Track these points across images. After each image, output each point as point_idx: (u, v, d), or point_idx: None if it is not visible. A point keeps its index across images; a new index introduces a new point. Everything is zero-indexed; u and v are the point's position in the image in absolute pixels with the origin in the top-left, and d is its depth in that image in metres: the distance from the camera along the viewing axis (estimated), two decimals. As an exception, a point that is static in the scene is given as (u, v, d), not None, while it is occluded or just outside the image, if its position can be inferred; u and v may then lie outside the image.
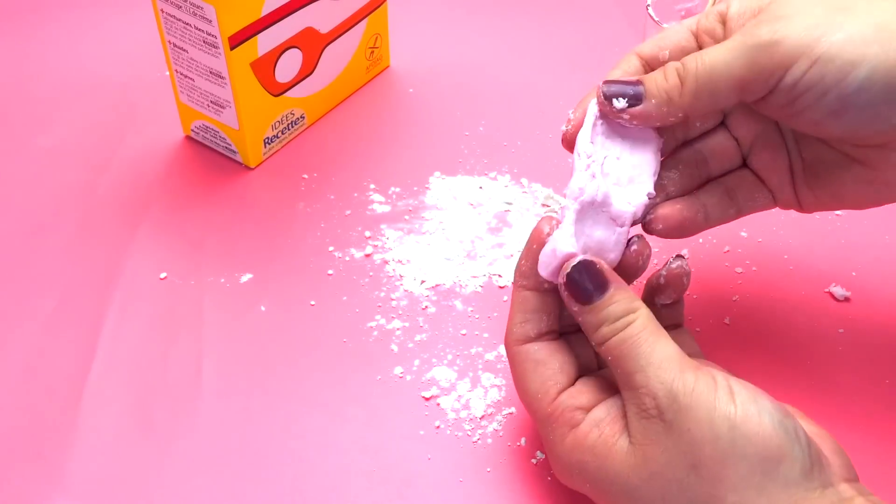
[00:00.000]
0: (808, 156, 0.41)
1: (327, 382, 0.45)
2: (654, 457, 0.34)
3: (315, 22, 0.56)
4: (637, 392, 0.35)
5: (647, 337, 0.36)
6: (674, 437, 0.34)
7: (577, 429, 0.36)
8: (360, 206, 0.54)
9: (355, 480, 0.41)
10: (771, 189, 0.42)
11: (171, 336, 0.47)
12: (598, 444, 0.36)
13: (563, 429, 0.37)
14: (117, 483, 0.41)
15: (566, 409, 0.37)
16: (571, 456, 0.36)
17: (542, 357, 0.38)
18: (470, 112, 0.61)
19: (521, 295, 0.39)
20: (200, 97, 0.55)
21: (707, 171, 0.42)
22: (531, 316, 0.39)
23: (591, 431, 0.36)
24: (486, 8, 0.70)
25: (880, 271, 0.50)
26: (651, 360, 0.35)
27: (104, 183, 0.56)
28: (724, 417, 0.33)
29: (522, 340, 0.39)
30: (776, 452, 0.33)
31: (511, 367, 0.39)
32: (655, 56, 0.40)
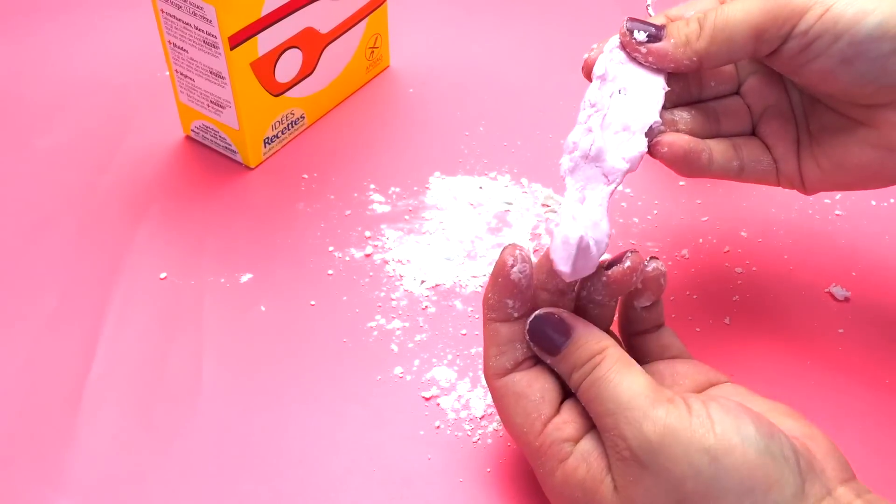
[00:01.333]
0: (816, 127, 0.42)
1: (327, 382, 0.45)
2: (637, 496, 0.34)
3: (315, 22, 0.56)
4: (609, 434, 0.34)
5: (613, 376, 0.35)
6: (652, 477, 0.33)
7: (566, 463, 0.36)
8: (360, 206, 0.54)
9: (355, 480, 0.41)
10: (776, 158, 0.43)
11: (171, 336, 0.47)
12: (587, 479, 0.35)
13: (553, 462, 0.36)
14: (117, 483, 0.41)
15: (553, 443, 0.36)
16: (563, 491, 0.36)
17: (521, 389, 0.37)
18: (470, 112, 0.61)
19: (492, 328, 0.38)
20: (200, 97, 0.55)
21: (717, 128, 0.43)
22: (505, 348, 0.38)
23: (580, 466, 0.35)
24: (486, 8, 0.70)
25: (880, 271, 0.50)
26: (619, 400, 0.34)
27: (104, 183, 0.56)
28: (703, 451, 0.32)
29: (501, 373, 0.38)
30: (763, 481, 0.32)
31: (494, 402, 0.39)
32: (681, 16, 0.41)
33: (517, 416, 0.37)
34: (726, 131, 0.43)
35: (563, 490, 0.36)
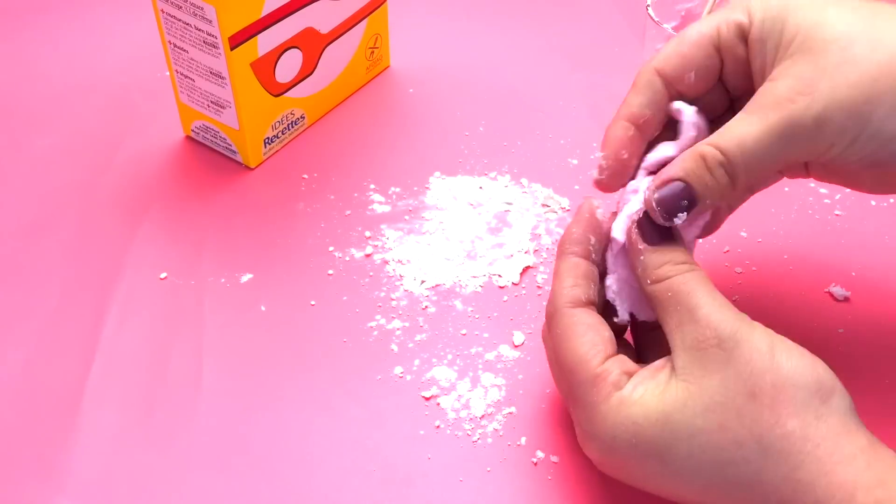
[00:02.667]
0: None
1: (327, 382, 0.45)
2: (710, 387, 0.34)
3: (315, 22, 0.56)
4: (697, 325, 0.35)
5: (707, 284, 0.36)
6: (734, 365, 0.34)
7: (623, 389, 0.36)
8: (360, 206, 0.54)
9: (355, 480, 0.41)
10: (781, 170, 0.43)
11: (171, 336, 0.47)
12: (646, 395, 0.35)
13: (609, 389, 0.36)
14: (117, 483, 0.41)
15: (613, 373, 0.36)
16: (619, 412, 0.35)
17: (592, 322, 0.38)
18: (470, 112, 0.61)
19: (572, 261, 0.39)
20: (200, 97, 0.55)
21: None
22: (581, 281, 0.39)
23: (636, 388, 0.36)
24: (486, 8, 0.70)
25: (880, 271, 0.50)
26: (712, 299, 0.36)
27: (104, 183, 0.56)
28: (783, 350, 0.34)
29: (573, 303, 0.38)
30: (829, 385, 0.34)
31: (554, 331, 0.39)
32: (680, 78, 0.40)
33: (582, 346, 0.37)
34: None
35: (618, 414, 0.35)
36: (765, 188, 0.44)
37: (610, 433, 0.36)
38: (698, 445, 0.34)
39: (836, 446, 0.33)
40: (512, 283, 0.50)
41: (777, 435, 0.33)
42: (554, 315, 0.39)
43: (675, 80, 0.40)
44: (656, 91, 0.40)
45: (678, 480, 0.35)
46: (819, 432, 0.33)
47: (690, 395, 0.34)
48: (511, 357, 0.46)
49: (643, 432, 0.35)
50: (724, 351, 0.34)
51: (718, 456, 0.34)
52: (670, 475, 0.35)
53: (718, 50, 0.39)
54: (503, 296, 0.49)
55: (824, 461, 0.32)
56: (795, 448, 0.33)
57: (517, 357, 0.46)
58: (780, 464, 0.33)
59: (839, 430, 0.33)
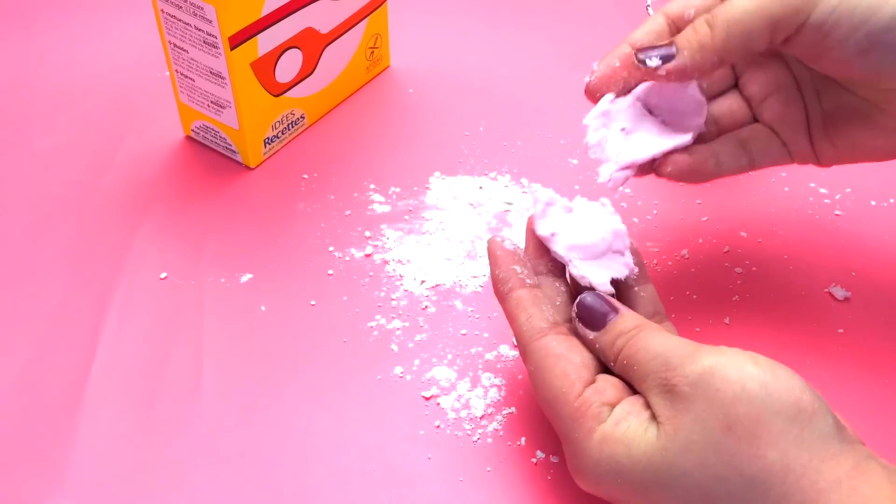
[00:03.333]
0: (830, 105, 0.42)
1: (327, 382, 0.45)
2: (685, 426, 0.34)
3: (315, 22, 0.56)
4: (658, 371, 0.35)
5: (657, 334, 0.37)
6: (704, 400, 0.33)
7: (605, 423, 0.36)
8: (360, 206, 0.54)
9: (355, 480, 0.41)
10: (785, 142, 0.43)
11: (171, 336, 0.47)
12: (629, 433, 0.35)
13: (591, 423, 0.36)
14: (117, 483, 0.41)
15: (593, 405, 0.36)
16: (602, 450, 0.36)
17: (562, 351, 0.38)
18: (470, 112, 0.61)
19: (514, 297, 0.40)
20: (200, 97, 0.55)
21: (718, 128, 0.44)
22: (533, 311, 0.39)
23: (620, 424, 0.36)
24: (486, 8, 0.70)
25: (880, 271, 0.50)
26: (667, 346, 0.36)
27: (104, 183, 0.56)
28: (754, 377, 0.33)
29: (538, 335, 0.38)
30: (809, 408, 0.33)
31: (530, 367, 0.39)
32: (681, 15, 0.41)
33: (556, 378, 0.37)
34: (728, 127, 0.44)
35: (602, 450, 0.36)
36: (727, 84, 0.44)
37: (594, 470, 0.36)
38: (682, 487, 0.34)
39: (820, 474, 0.32)
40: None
41: (758, 468, 0.32)
42: (524, 353, 0.39)
43: (677, 17, 0.41)
44: (658, 24, 0.42)
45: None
46: (800, 460, 0.32)
47: (668, 436, 0.34)
48: (511, 357, 0.46)
49: (627, 472, 0.35)
50: (691, 387, 0.34)
51: (701, 494, 0.33)
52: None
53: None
54: (503, 296, 0.49)
55: (808, 491, 0.32)
56: (778, 479, 0.32)
57: (517, 357, 0.46)
58: (765, 496, 0.32)
59: (822, 455, 0.32)
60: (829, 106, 0.42)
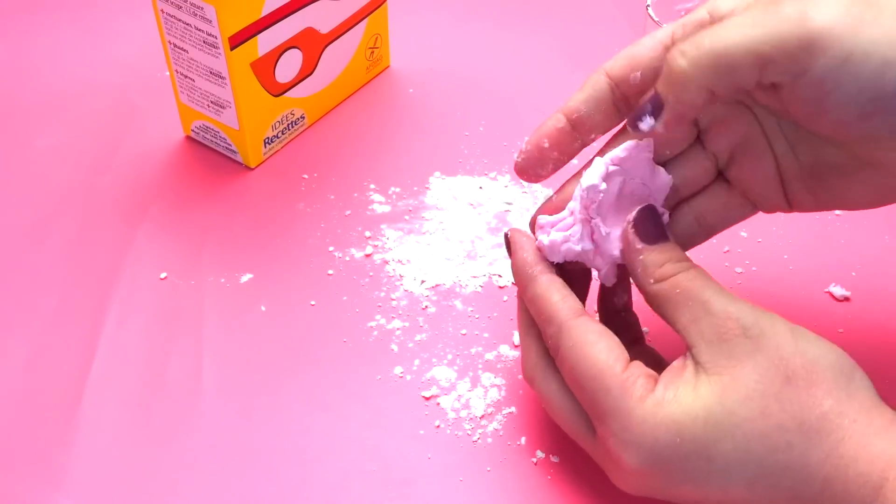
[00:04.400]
0: (808, 159, 0.38)
1: (327, 382, 0.45)
2: (744, 376, 0.34)
3: (315, 22, 0.56)
4: (716, 317, 0.35)
5: (712, 279, 0.36)
6: (763, 351, 0.34)
7: (654, 392, 0.35)
8: (360, 206, 0.54)
9: (355, 480, 0.41)
10: (753, 199, 0.40)
11: (171, 336, 0.47)
12: (680, 394, 0.34)
13: (642, 391, 0.35)
14: (117, 483, 0.41)
15: (640, 377, 0.35)
16: (656, 413, 0.34)
17: (601, 329, 0.37)
18: (470, 112, 0.61)
19: (545, 279, 0.39)
20: (200, 97, 0.55)
21: (676, 197, 0.41)
22: (566, 292, 0.38)
23: (668, 389, 0.35)
24: (486, 8, 0.70)
25: (880, 271, 0.50)
26: (723, 292, 0.36)
27: (104, 183, 0.56)
28: (803, 335, 0.35)
29: (576, 313, 0.38)
30: (849, 365, 0.35)
31: (568, 344, 0.37)
32: (626, 78, 0.38)
33: (601, 352, 0.36)
34: (686, 194, 0.41)
35: (656, 413, 0.34)
36: (734, 217, 0.41)
37: (651, 436, 0.34)
38: (742, 436, 0.34)
39: (870, 419, 0.33)
40: (512, 283, 0.50)
41: (816, 415, 0.33)
42: (560, 333, 0.38)
43: (621, 80, 0.38)
44: (598, 90, 0.39)
45: (724, 478, 0.34)
46: (853, 408, 0.33)
47: (725, 386, 0.34)
48: (511, 357, 0.46)
49: (686, 430, 0.34)
50: (751, 339, 0.34)
51: (763, 444, 0.33)
52: (717, 473, 0.34)
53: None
54: (503, 296, 0.49)
55: (862, 434, 0.33)
56: (834, 425, 0.33)
57: (517, 357, 0.46)
58: (822, 442, 0.33)
59: (868, 404, 0.34)
60: (807, 159, 0.38)
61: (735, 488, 0.34)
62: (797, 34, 0.32)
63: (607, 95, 0.39)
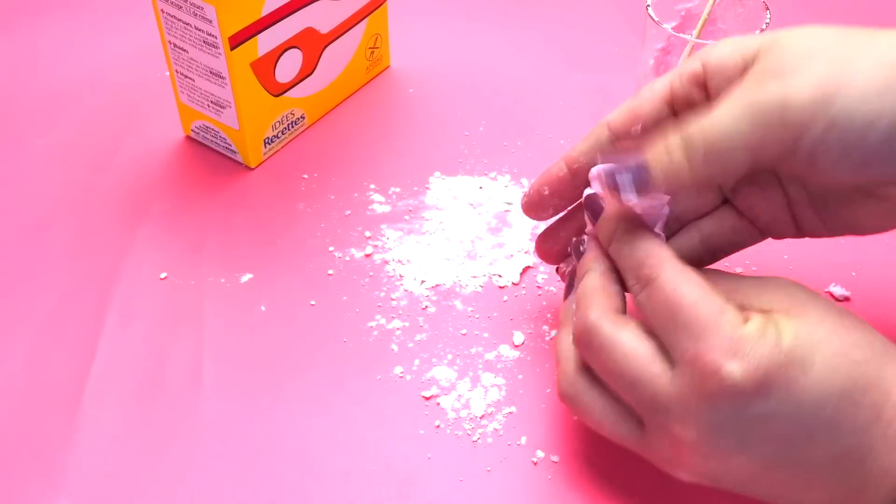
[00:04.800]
0: (816, 191, 0.39)
1: (327, 382, 0.45)
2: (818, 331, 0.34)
3: (315, 22, 0.56)
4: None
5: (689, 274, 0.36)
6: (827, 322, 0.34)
7: (748, 323, 0.34)
8: (360, 206, 0.54)
9: (355, 480, 0.41)
10: (761, 227, 0.41)
11: (171, 336, 0.47)
12: (780, 322, 0.34)
13: (739, 316, 0.34)
14: (117, 483, 0.41)
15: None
16: (763, 335, 0.33)
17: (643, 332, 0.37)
18: (470, 112, 0.61)
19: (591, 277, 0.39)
20: (200, 97, 0.55)
21: (678, 223, 0.41)
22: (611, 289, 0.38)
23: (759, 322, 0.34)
24: (486, 8, 0.70)
25: (880, 271, 0.50)
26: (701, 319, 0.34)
27: (104, 183, 0.56)
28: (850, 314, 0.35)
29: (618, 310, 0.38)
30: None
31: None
32: (627, 130, 0.39)
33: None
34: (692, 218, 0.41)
35: (762, 332, 0.33)
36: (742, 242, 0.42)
37: (761, 349, 0.33)
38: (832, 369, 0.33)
39: None
40: (512, 283, 0.50)
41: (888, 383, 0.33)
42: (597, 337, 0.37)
43: (622, 132, 0.40)
44: (600, 141, 0.41)
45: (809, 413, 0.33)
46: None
47: (811, 323, 0.34)
48: (511, 357, 0.46)
49: (794, 346, 0.33)
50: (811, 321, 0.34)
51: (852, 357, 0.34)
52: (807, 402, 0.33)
53: (671, 104, 0.39)
54: (503, 296, 0.49)
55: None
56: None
57: (517, 357, 0.46)
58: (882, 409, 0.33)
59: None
60: (816, 191, 0.39)
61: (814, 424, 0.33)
62: (782, 120, 0.34)
63: (607, 145, 0.40)
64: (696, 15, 0.54)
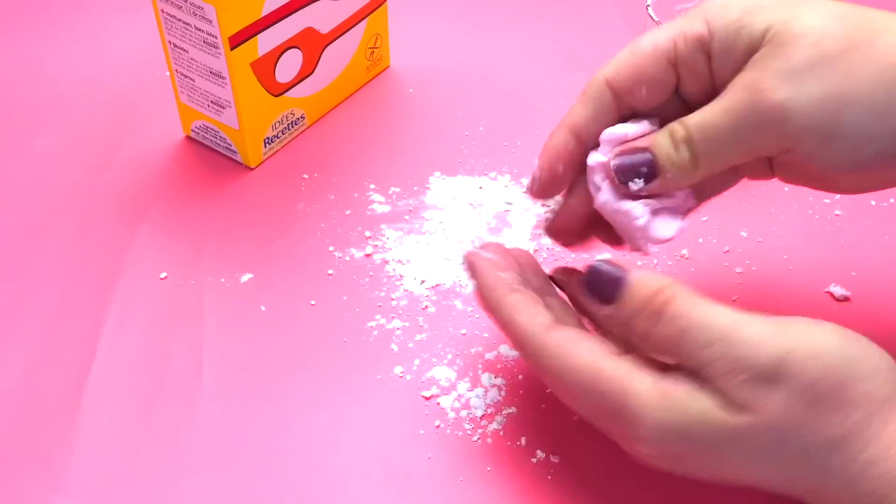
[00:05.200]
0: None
1: (327, 382, 0.45)
2: (768, 411, 0.32)
3: (315, 22, 0.56)
4: (717, 364, 0.32)
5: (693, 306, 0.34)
6: (783, 386, 0.32)
7: (664, 380, 0.33)
8: (360, 206, 0.54)
9: (355, 480, 0.41)
10: (738, 173, 0.41)
11: (171, 336, 0.47)
12: (690, 392, 0.34)
13: (645, 386, 0.34)
14: (117, 483, 0.41)
15: (634, 368, 0.34)
16: (668, 416, 0.33)
17: (581, 332, 0.37)
18: (470, 112, 0.61)
19: (509, 300, 0.37)
20: (200, 97, 0.55)
21: None
22: (536, 308, 0.37)
23: (678, 382, 0.34)
24: (486, 8, 0.70)
25: (880, 271, 0.50)
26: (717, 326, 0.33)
27: (104, 183, 0.56)
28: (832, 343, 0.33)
29: (549, 328, 0.36)
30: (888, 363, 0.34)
31: (547, 358, 0.36)
32: (631, 92, 0.38)
33: (586, 354, 0.34)
34: None
35: (666, 415, 0.33)
36: (725, 187, 0.42)
37: (658, 429, 0.33)
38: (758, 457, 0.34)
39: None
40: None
41: (842, 430, 0.33)
42: (537, 350, 0.36)
43: (626, 93, 0.39)
44: (605, 104, 0.39)
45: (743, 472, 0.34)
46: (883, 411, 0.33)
47: (747, 422, 0.33)
48: (511, 357, 0.46)
49: (693, 432, 0.33)
50: (767, 380, 0.33)
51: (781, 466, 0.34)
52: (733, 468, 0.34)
53: (675, 65, 0.38)
54: (503, 296, 0.49)
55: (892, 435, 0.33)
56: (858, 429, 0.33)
57: (517, 357, 0.46)
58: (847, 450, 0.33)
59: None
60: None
61: (753, 478, 0.34)
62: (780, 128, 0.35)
63: (612, 109, 0.39)
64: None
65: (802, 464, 0.33)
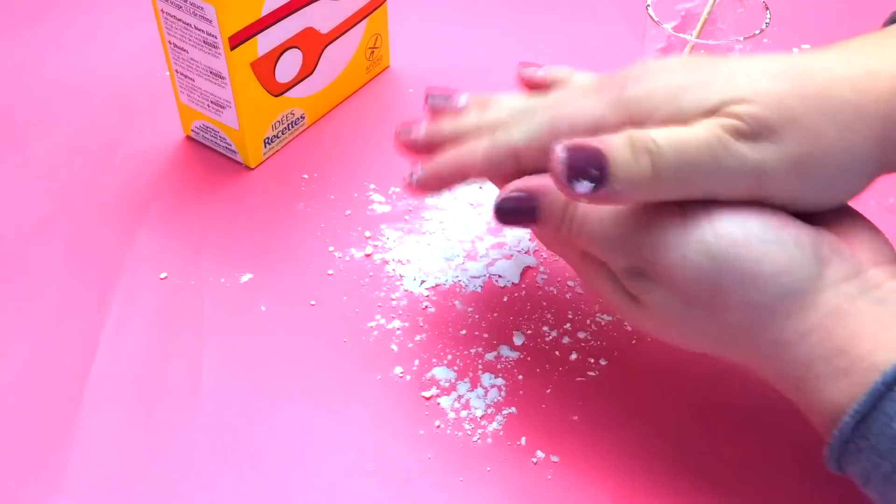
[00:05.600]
0: None
1: (327, 382, 0.45)
2: (655, 307, 0.37)
3: (315, 22, 0.56)
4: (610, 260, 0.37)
5: (593, 209, 0.37)
6: (659, 286, 0.36)
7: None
8: (360, 206, 0.54)
9: (355, 480, 0.41)
10: None
11: (171, 336, 0.47)
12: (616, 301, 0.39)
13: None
14: (117, 483, 0.41)
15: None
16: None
17: None
18: (470, 112, 0.61)
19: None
20: (200, 97, 0.55)
21: None
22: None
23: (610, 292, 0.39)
24: (486, 8, 0.70)
25: (880, 271, 0.50)
26: (605, 231, 0.37)
27: (104, 183, 0.56)
28: (702, 252, 0.34)
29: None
30: (770, 269, 0.34)
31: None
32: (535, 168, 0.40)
33: None
34: None
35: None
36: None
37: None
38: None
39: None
40: (512, 283, 0.50)
41: (719, 329, 0.36)
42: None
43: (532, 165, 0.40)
44: (507, 169, 0.42)
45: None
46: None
47: (645, 312, 0.37)
48: (511, 357, 0.46)
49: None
50: (645, 277, 0.36)
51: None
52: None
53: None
54: (503, 296, 0.49)
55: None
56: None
57: (517, 357, 0.46)
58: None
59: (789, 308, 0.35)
60: None
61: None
62: (757, 181, 0.35)
63: (513, 176, 0.41)
64: (696, 15, 0.54)
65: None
